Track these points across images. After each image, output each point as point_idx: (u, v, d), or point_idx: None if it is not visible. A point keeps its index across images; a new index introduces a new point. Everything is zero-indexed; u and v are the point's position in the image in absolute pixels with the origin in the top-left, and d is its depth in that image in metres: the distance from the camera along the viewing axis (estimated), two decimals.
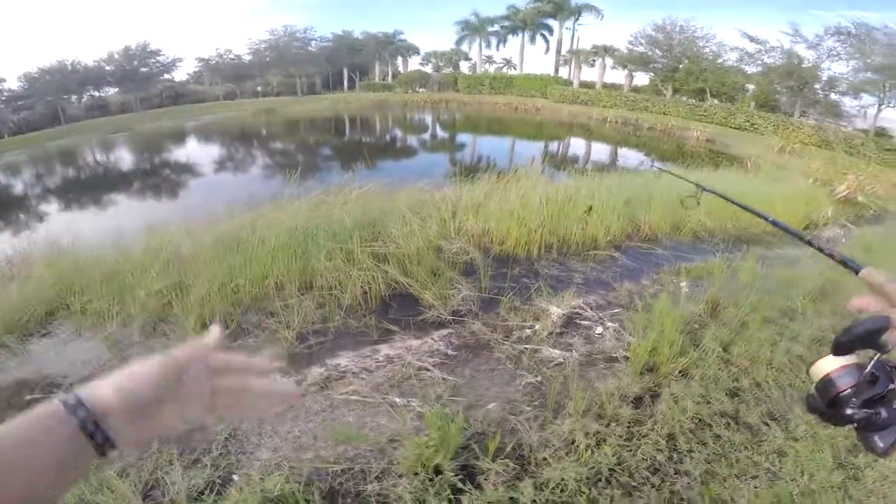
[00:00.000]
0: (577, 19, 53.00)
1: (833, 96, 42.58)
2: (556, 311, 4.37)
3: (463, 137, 30.13)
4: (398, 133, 32.35)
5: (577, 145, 28.26)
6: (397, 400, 3.22)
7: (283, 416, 3.10)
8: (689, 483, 2.71)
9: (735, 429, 3.16)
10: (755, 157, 18.29)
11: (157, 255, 4.90)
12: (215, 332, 0.71)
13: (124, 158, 24.63)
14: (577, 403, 3.09)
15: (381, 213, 6.20)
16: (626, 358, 3.75)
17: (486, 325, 4.28)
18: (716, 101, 42.44)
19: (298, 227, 5.49)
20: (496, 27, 55.62)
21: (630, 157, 23.15)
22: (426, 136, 31.09)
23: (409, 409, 3.12)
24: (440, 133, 32.74)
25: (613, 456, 2.79)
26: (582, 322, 4.41)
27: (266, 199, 7.31)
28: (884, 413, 0.69)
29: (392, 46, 59.38)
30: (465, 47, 58.54)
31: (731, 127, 35.65)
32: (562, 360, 3.76)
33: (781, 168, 16.50)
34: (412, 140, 28.42)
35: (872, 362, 0.72)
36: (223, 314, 4.25)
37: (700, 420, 3.19)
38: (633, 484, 2.65)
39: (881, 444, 0.70)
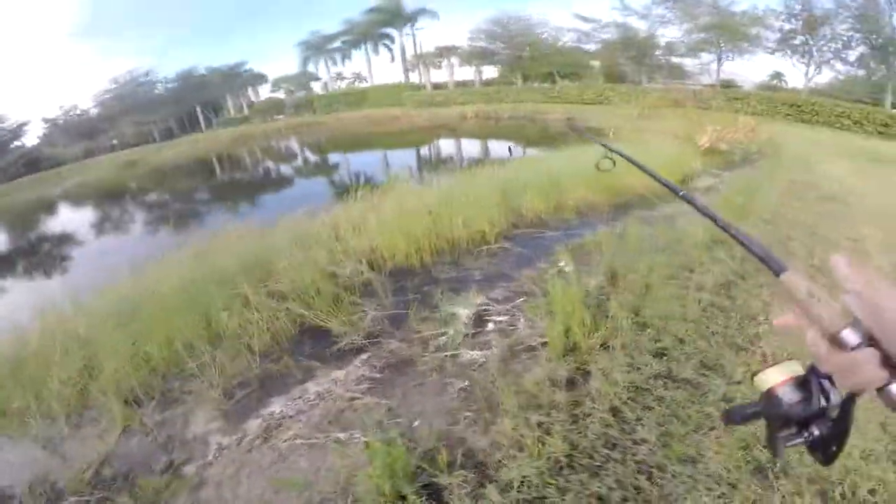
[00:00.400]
0: (415, 24, 53.76)
1: (675, 59, 45.77)
2: (464, 312, 4.45)
3: (334, 157, 29.94)
4: (269, 164, 31.74)
5: (446, 146, 28.58)
6: (340, 435, 3.18)
7: (236, 477, 3.03)
8: (650, 449, 2.74)
9: (675, 387, 3.23)
10: (615, 128, 19.19)
11: (54, 339, 4.59)
12: None
13: None
14: (509, 398, 3.12)
15: (265, 249, 6.10)
16: (545, 344, 3.81)
17: (403, 341, 4.27)
18: (566, 82, 44.32)
19: (187, 280, 5.34)
20: (338, 43, 55.93)
21: (499, 148, 23.74)
22: (297, 163, 30.73)
23: (354, 442, 3.08)
24: (310, 157, 32.49)
25: (564, 442, 2.78)
26: (492, 318, 4.49)
27: (152, 255, 7.08)
28: (815, 431, 0.68)
29: (240, 78, 58.41)
30: (311, 68, 58.45)
31: (585, 103, 37.25)
32: (483, 360, 3.81)
33: (641, 132, 17.35)
34: (285, 169, 28.05)
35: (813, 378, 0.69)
36: (143, 387, 4.03)
37: (637, 387, 3.23)
38: (597, 464, 2.67)
39: (821, 458, 0.70)
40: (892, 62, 38.51)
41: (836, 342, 0.61)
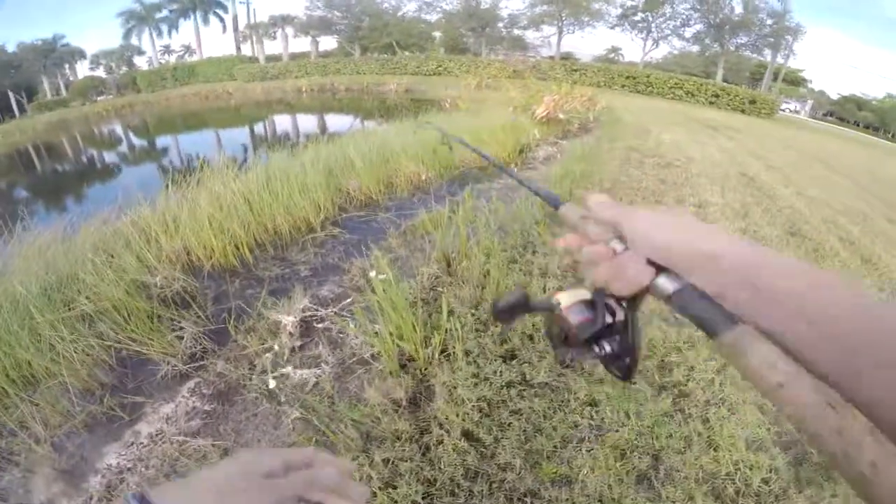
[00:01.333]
0: None
1: (516, 32, 47.05)
2: (288, 320, 3.97)
3: (163, 140, 28.21)
4: (93, 153, 29.24)
5: (282, 122, 27.94)
6: None
7: None
8: (518, 475, 2.49)
9: (531, 395, 2.99)
10: (452, 98, 19.26)
11: None
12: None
13: None
14: (348, 435, 2.78)
15: (69, 262, 5.23)
16: (379, 355, 3.43)
17: (229, 361, 3.79)
18: (406, 53, 44.31)
19: None
20: (164, 12, 52.47)
21: (337, 121, 23.29)
22: (123, 149, 28.38)
23: None
24: (136, 142, 30.21)
25: (418, 482, 2.45)
26: (320, 325, 4.06)
27: None
28: (606, 346, 0.71)
29: (55, 54, 52.90)
30: (134, 41, 54.44)
31: (425, 75, 37.63)
32: (315, 380, 3.42)
33: (480, 103, 17.54)
34: (109, 157, 25.84)
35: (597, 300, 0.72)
36: None
37: (489, 401, 2.94)
38: (460, 501, 2.40)
39: (618, 374, 0.72)
40: (726, 39, 41.93)
41: (605, 253, 0.68)
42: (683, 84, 31.54)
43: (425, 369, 3.26)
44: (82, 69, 56.17)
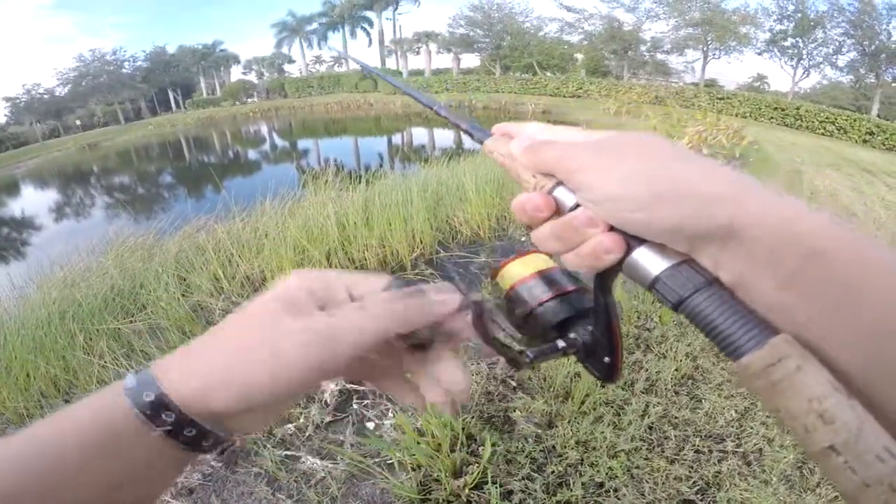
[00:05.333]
0: (396, 8, 53.32)
1: (659, 56, 45.55)
2: (329, 387, 3.20)
3: (303, 143, 29.49)
4: (237, 149, 30.84)
5: (418, 135, 28.30)
6: None
7: None
8: None
9: None
10: (588, 123, 18.46)
11: None
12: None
13: None
14: None
15: (147, 270, 5.00)
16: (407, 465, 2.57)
17: None
18: (548, 74, 43.89)
19: (55, 306, 4.36)
20: (315, 25, 55.32)
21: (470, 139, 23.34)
22: (265, 147, 29.97)
23: None
24: (279, 142, 31.89)
25: None
26: (359, 403, 3.19)
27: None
28: (577, 338, 0.49)
29: (211, 58, 57.19)
30: (285, 49, 58.03)
31: (564, 96, 37.08)
32: (324, 474, 2.66)
33: (618, 129, 16.50)
34: (253, 154, 27.21)
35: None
36: None
37: None
38: None
39: (598, 374, 0.51)
40: (882, 70, 38.32)
41: (543, 206, 0.47)
42: (836, 118, 28.68)
43: (449, 502, 2.39)
44: (235, 73, 60.29)
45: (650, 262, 0.41)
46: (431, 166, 8.41)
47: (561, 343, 0.50)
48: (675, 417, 2.77)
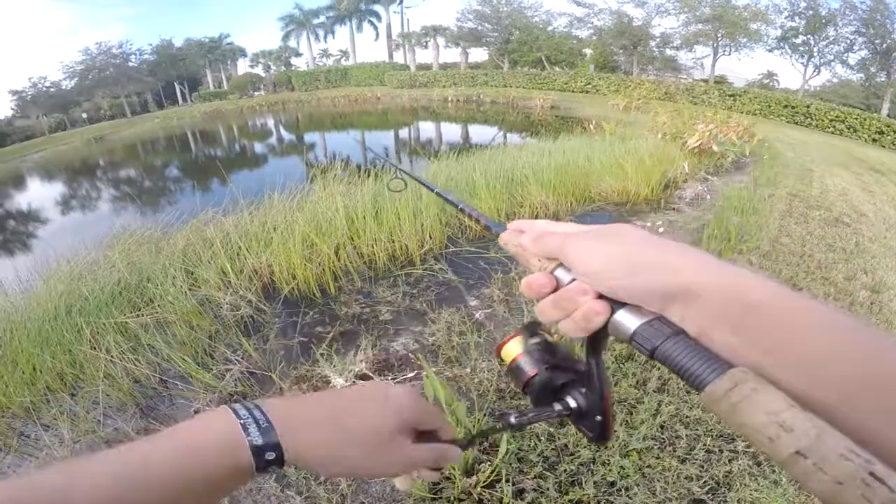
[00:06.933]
0: (403, 2, 53.25)
1: (668, 51, 45.32)
2: (338, 381, 3.25)
3: (310, 137, 29.22)
4: (244, 142, 30.72)
5: (425, 129, 28.09)
6: None
7: None
8: None
9: None
10: (598, 118, 18.19)
11: None
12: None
13: None
14: None
15: (153, 264, 4.98)
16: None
17: None
18: (556, 69, 43.68)
19: (61, 300, 4.35)
20: (322, 18, 55.37)
21: (479, 133, 23.10)
22: (272, 140, 29.75)
23: None
24: (285, 135, 31.64)
25: None
26: None
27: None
28: (572, 401, 0.61)
29: (218, 51, 57.09)
30: (292, 43, 58.14)
31: (573, 91, 36.87)
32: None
33: (628, 126, 16.20)
34: (259, 147, 26.96)
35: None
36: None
37: None
38: None
39: (590, 434, 0.61)
40: (893, 68, 38.03)
41: (545, 283, 0.58)
42: (846, 117, 28.38)
43: (461, 500, 2.38)
44: (242, 66, 60.15)
45: (629, 320, 0.50)
46: (440, 160, 8.42)
47: (559, 408, 0.62)
48: (687, 417, 2.79)
